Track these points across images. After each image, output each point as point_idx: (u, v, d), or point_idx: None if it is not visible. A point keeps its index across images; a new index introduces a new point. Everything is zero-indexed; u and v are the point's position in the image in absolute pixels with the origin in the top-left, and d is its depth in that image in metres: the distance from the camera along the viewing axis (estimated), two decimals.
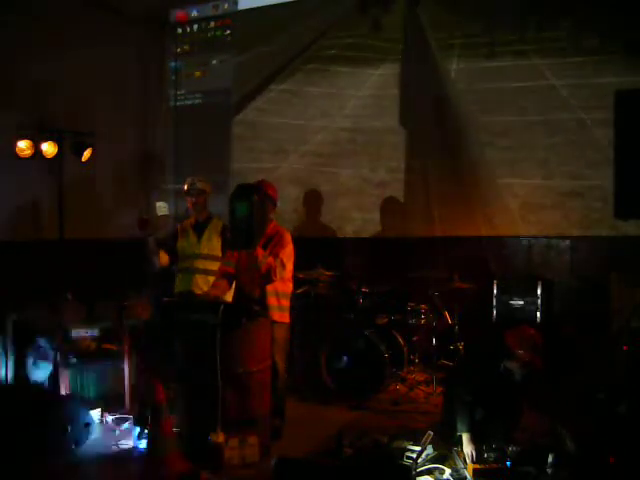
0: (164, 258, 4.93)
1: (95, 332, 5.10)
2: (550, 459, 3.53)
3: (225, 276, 4.53)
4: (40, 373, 5.15)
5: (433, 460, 3.82)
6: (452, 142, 6.45)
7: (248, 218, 4.07)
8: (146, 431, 4.07)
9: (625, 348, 4.63)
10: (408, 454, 3.79)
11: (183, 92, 8.04)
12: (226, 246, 4.75)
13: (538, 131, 6.07)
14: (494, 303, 5.74)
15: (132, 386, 4.86)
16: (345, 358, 5.33)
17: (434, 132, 6.53)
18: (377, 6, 6.81)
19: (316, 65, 7.17)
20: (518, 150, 6.16)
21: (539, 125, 6.07)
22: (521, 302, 5.65)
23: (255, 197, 4.14)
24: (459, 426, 3.81)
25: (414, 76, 6.66)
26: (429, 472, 3.71)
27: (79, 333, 5.07)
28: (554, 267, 6.06)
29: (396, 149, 6.71)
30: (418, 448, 3.82)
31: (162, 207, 5.22)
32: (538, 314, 5.56)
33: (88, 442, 4.25)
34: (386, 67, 6.81)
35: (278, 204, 4.62)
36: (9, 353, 5.02)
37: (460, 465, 3.76)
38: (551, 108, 6.02)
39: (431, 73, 6.57)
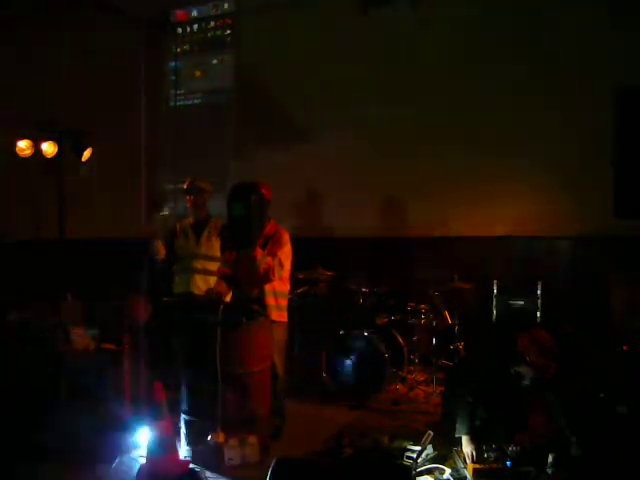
0: (162, 251, 4.94)
1: (95, 332, 5.09)
2: (550, 459, 3.53)
3: (224, 277, 4.53)
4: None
5: (433, 460, 3.82)
6: (452, 142, 6.44)
7: (246, 218, 4.06)
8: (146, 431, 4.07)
9: (625, 348, 4.63)
10: (408, 454, 3.80)
11: (183, 92, 8.05)
12: (225, 246, 4.74)
13: (538, 131, 6.07)
14: (494, 303, 5.74)
15: (132, 386, 4.85)
16: (345, 358, 5.33)
17: (434, 133, 6.53)
18: (377, 6, 6.80)
19: (316, 64, 7.16)
20: (517, 150, 6.15)
21: (539, 125, 6.06)
22: (521, 302, 5.65)
23: (253, 197, 4.13)
24: (459, 426, 3.80)
25: (415, 76, 6.65)
26: (429, 472, 3.72)
27: (79, 333, 5.06)
28: (554, 267, 6.06)
29: (396, 149, 6.69)
30: (418, 448, 3.83)
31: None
32: (538, 314, 5.56)
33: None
34: (387, 67, 6.81)
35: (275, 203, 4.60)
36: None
37: (460, 465, 3.75)
38: (550, 107, 6.01)
39: (433, 73, 6.57)
